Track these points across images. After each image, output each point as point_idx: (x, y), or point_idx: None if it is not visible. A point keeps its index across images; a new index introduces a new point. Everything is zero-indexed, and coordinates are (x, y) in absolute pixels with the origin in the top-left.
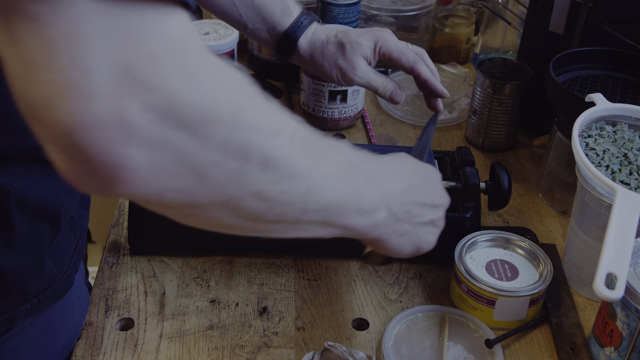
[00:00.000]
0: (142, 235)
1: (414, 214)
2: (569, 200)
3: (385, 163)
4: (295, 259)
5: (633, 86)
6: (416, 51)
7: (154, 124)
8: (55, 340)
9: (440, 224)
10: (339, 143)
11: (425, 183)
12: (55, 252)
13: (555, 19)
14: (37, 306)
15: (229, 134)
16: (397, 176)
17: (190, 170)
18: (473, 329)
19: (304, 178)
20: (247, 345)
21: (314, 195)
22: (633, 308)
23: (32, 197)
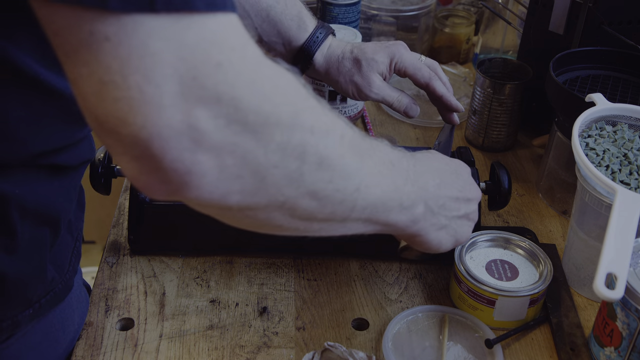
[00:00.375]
0: (142, 235)
1: (449, 207)
2: (569, 200)
3: (418, 160)
4: (295, 259)
5: (633, 86)
6: (429, 65)
7: (222, 130)
8: (56, 343)
9: (474, 217)
10: (379, 142)
11: (457, 177)
12: (56, 256)
13: (555, 19)
14: (39, 311)
15: (288, 136)
16: (430, 172)
17: (253, 172)
18: (473, 329)
19: (355, 176)
20: (247, 345)
21: (362, 193)
22: (633, 308)
23: (33, 203)
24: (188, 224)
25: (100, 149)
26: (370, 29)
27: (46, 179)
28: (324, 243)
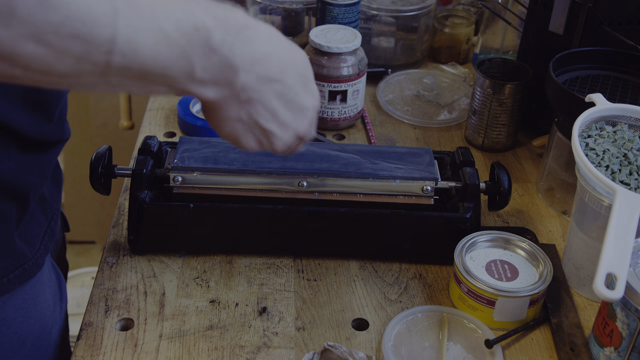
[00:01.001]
0: (142, 235)
1: (264, 106)
2: (569, 200)
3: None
4: (295, 259)
5: (633, 86)
6: None
7: None
8: (29, 319)
9: (305, 134)
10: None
11: (295, 74)
12: (26, 232)
13: (555, 19)
14: (7, 286)
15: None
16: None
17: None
18: (473, 329)
19: (106, 25)
20: (247, 345)
21: (121, 47)
22: (633, 308)
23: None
24: (188, 224)
25: (101, 149)
26: (370, 29)
27: (14, 152)
28: (324, 243)
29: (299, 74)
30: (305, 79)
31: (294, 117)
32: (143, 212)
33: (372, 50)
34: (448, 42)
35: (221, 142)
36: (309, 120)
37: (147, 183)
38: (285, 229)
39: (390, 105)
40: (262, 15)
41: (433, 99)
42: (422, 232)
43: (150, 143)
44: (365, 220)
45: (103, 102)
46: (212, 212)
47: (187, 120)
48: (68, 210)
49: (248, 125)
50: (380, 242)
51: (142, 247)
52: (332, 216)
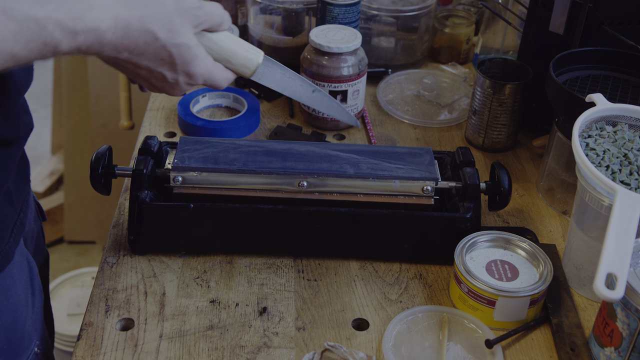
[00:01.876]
0: (142, 235)
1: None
2: (569, 200)
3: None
4: (296, 259)
5: (633, 86)
6: None
7: None
8: (0, 312)
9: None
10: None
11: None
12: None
13: (555, 19)
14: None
15: None
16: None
17: None
18: (473, 330)
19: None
20: (247, 345)
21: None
22: (633, 308)
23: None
24: (188, 224)
25: (101, 149)
26: (370, 29)
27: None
28: (324, 243)
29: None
30: (167, 22)
31: (168, 68)
32: (143, 212)
33: (372, 50)
34: (448, 42)
35: (221, 142)
36: (188, 57)
37: (147, 183)
38: (286, 229)
39: (391, 105)
40: (262, 15)
41: (433, 99)
42: (422, 232)
43: (150, 143)
44: (365, 220)
45: (103, 102)
46: (213, 212)
47: (187, 120)
48: (68, 210)
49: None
50: (380, 242)
51: (142, 247)
52: (333, 216)
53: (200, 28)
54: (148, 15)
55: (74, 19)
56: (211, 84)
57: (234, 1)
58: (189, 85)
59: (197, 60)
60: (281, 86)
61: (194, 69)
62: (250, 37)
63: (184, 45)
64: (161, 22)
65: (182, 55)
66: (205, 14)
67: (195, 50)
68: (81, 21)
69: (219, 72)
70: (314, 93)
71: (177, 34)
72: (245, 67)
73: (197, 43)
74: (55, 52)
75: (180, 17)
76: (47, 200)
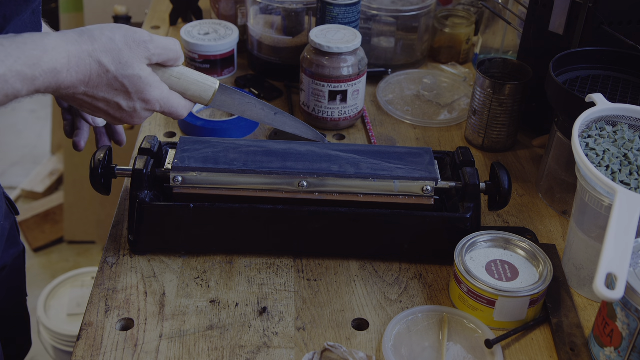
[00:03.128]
0: (142, 236)
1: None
2: (569, 200)
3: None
4: (296, 259)
5: (633, 86)
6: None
7: None
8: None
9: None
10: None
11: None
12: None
13: (555, 19)
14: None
15: None
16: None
17: None
18: (473, 330)
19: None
20: (247, 345)
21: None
22: (633, 308)
23: None
24: (188, 224)
25: (100, 149)
26: (370, 29)
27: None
28: (324, 243)
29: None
30: (117, 55)
31: (124, 98)
32: (143, 212)
33: (372, 51)
34: (448, 42)
35: (221, 142)
36: (141, 85)
37: (147, 183)
38: (286, 229)
39: (391, 105)
40: (262, 15)
41: (433, 99)
42: (422, 232)
43: (150, 143)
44: (365, 220)
45: None
46: (213, 212)
47: (187, 120)
48: (68, 210)
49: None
50: (380, 242)
51: (142, 248)
52: (333, 216)
53: (153, 60)
54: (97, 50)
55: (31, 67)
56: (169, 110)
57: (234, 1)
58: (147, 112)
59: (151, 88)
60: (241, 111)
61: (149, 95)
62: (250, 37)
63: (135, 76)
64: (110, 55)
65: (135, 85)
66: (156, 47)
67: (148, 79)
68: (39, 67)
69: (176, 99)
70: (276, 115)
71: (127, 66)
72: (201, 97)
73: (150, 73)
74: (14, 100)
75: (129, 50)
76: (47, 200)
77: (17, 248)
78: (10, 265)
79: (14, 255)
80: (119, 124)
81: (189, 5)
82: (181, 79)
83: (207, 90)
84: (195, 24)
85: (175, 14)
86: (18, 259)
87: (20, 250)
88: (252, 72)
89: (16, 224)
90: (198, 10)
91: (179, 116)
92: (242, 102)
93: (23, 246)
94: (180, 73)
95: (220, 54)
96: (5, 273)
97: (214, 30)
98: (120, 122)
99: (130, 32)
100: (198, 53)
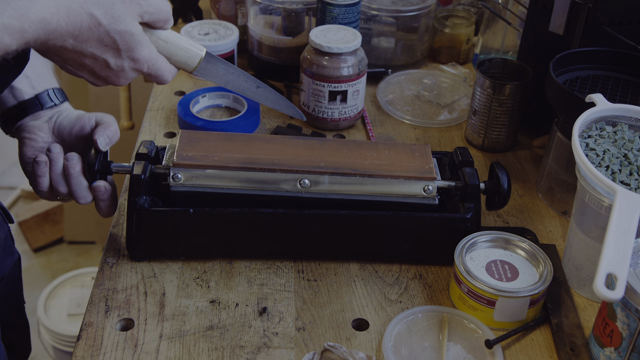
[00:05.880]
0: (141, 242)
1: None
2: (569, 200)
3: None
4: (295, 259)
5: (633, 86)
6: (100, 119)
7: None
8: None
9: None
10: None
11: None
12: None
13: (555, 19)
14: None
15: None
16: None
17: None
18: (473, 330)
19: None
20: (247, 345)
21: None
22: (633, 308)
23: None
24: (187, 229)
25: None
26: (370, 29)
27: None
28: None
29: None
30: (109, 8)
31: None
32: (142, 218)
33: (372, 51)
34: (448, 42)
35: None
36: (132, 43)
37: (145, 188)
38: (286, 232)
39: (391, 105)
40: (262, 15)
41: (433, 99)
42: (423, 233)
43: (147, 148)
44: (366, 222)
45: (103, 102)
46: (212, 216)
47: (187, 120)
48: (68, 210)
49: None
50: (381, 244)
51: (141, 254)
52: (333, 219)
53: (145, 19)
54: (89, 1)
55: (19, 18)
56: (156, 73)
57: (234, 1)
58: (134, 72)
59: (142, 46)
60: (225, 81)
61: (139, 54)
62: (250, 37)
63: (127, 32)
64: (103, 8)
65: (126, 41)
66: (149, 4)
67: (139, 37)
68: (27, 17)
69: (163, 62)
70: (258, 88)
71: (120, 20)
72: (187, 63)
73: (141, 31)
74: (5, 55)
75: (122, 4)
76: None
77: (12, 257)
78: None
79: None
80: (103, 84)
81: (189, 5)
82: (168, 43)
83: (193, 57)
84: (195, 24)
85: (175, 14)
86: (15, 267)
87: (16, 259)
88: (252, 72)
89: (10, 233)
90: (198, 10)
91: (164, 80)
92: (227, 71)
93: (18, 254)
94: (168, 37)
95: (220, 54)
96: (4, 284)
97: (214, 30)
98: (104, 81)
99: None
100: None
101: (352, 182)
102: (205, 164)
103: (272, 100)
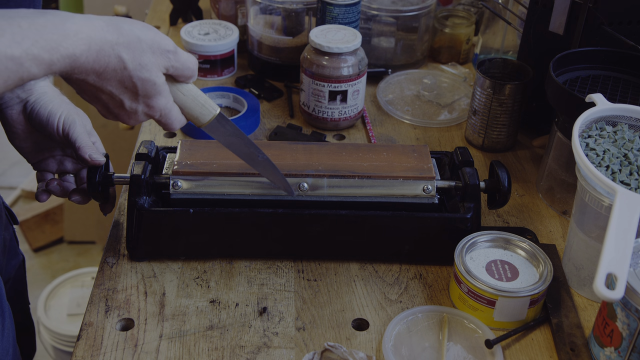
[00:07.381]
0: (142, 242)
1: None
2: (569, 200)
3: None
4: (295, 259)
5: (633, 86)
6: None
7: None
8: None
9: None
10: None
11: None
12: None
13: (555, 19)
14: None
15: None
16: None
17: None
18: (473, 330)
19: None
20: (247, 345)
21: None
22: (633, 308)
23: None
24: (188, 229)
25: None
26: (370, 29)
27: None
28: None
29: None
30: (139, 55)
31: (129, 95)
32: (142, 217)
33: (372, 51)
34: (448, 42)
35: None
36: (151, 91)
37: (145, 189)
38: (286, 232)
39: (391, 105)
40: (262, 15)
41: (433, 99)
42: (423, 233)
43: (147, 148)
44: (366, 222)
45: None
46: (212, 217)
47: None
48: (68, 210)
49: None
50: (381, 244)
51: (141, 254)
52: (333, 219)
53: (170, 72)
54: (121, 44)
55: (49, 51)
56: (166, 121)
57: (234, 1)
58: (146, 116)
59: (160, 95)
60: (228, 142)
61: (155, 102)
62: (250, 37)
63: (149, 81)
64: (132, 53)
65: (146, 89)
66: (177, 60)
67: (160, 87)
68: (57, 51)
69: (176, 112)
70: (259, 158)
71: (146, 69)
72: (199, 118)
73: (163, 81)
74: (29, 81)
75: (152, 54)
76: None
77: (17, 259)
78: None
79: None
80: (113, 119)
81: (189, 5)
82: (186, 96)
83: (206, 115)
84: (195, 24)
85: (175, 14)
86: (19, 269)
87: (21, 261)
88: (252, 72)
89: (15, 234)
90: (198, 10)
91: (171, 129)
92: (233, 135)
93: (23, 256)
94: (189, 90)
95: (220, 54)
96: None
97: (214, 30)
98: (115, 117)
99: (157, 38)
100: (198, 53)
101: (351, 184)
102: (204, 171)
103: (270, 172)
